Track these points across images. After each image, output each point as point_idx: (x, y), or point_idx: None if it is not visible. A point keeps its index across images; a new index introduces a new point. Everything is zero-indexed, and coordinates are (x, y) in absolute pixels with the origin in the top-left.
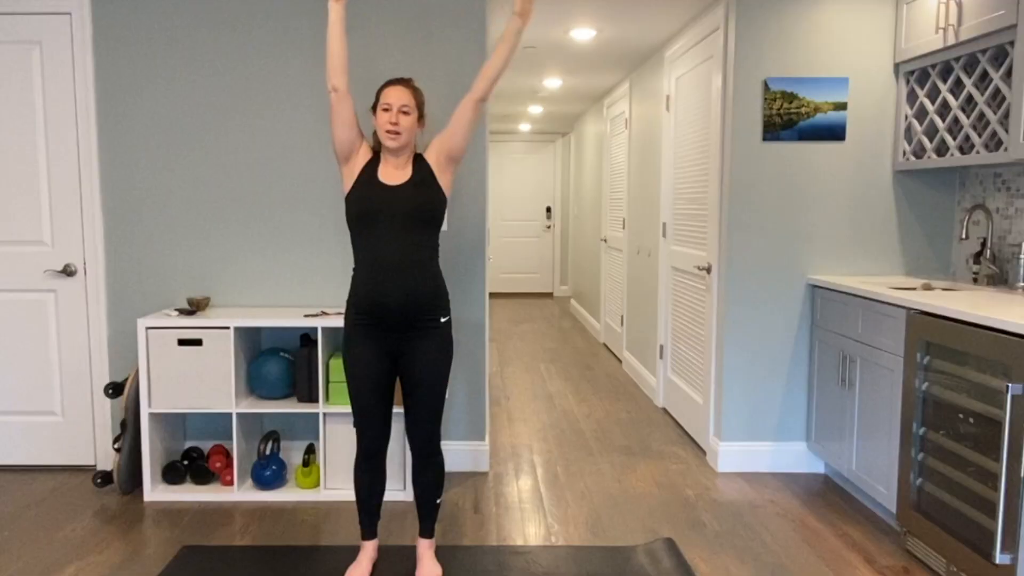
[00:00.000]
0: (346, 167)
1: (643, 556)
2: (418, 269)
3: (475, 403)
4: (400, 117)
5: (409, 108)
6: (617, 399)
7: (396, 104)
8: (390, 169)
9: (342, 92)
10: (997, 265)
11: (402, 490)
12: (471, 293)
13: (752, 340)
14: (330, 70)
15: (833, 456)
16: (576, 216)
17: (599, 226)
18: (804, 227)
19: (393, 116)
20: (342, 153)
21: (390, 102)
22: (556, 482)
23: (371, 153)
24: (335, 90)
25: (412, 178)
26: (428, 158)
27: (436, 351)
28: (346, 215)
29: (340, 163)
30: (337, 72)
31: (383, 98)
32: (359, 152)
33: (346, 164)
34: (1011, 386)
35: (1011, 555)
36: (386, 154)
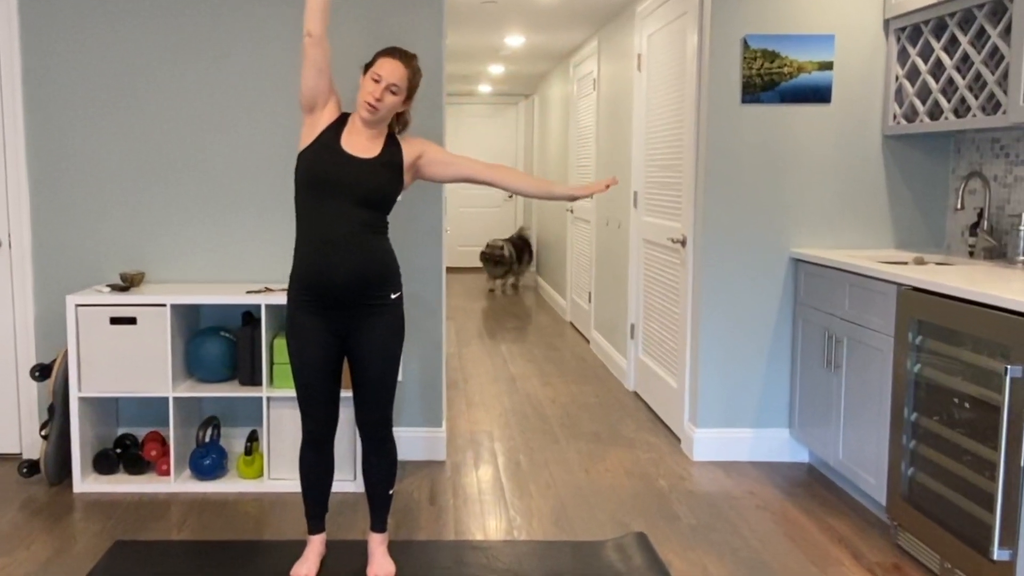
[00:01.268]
0: (309, 118)
1: (613, 552)
2: (366, 243)
3: (430, 386)
4: (385, 94)
5: (398, 89)
6: (585, 382)
7: (387, 79)
8: (358, 139)
9: (317, 37)
10: (995, 237)
11: (352, 480)
12: (426, 267)
13: (730, 319)
14: (308, 12)
15: (818, 444)
16: None
17: None
18: (786, 196)
19: (378, 92)
20: (308, 102)
21: (381, 74)
22: (519, 472)
23: (339, 112)
24: (309, 35)
25: (379, 157)
26: (405, 148)
27: (386, 330)
28: (295, 175)
29: (304, 111)
30: (315, 15)
31: (377, 67)
32: (326, 107)
33: (310, 114)
34: (1010, 368)
35: (1010, 551)
36: (357, 121)
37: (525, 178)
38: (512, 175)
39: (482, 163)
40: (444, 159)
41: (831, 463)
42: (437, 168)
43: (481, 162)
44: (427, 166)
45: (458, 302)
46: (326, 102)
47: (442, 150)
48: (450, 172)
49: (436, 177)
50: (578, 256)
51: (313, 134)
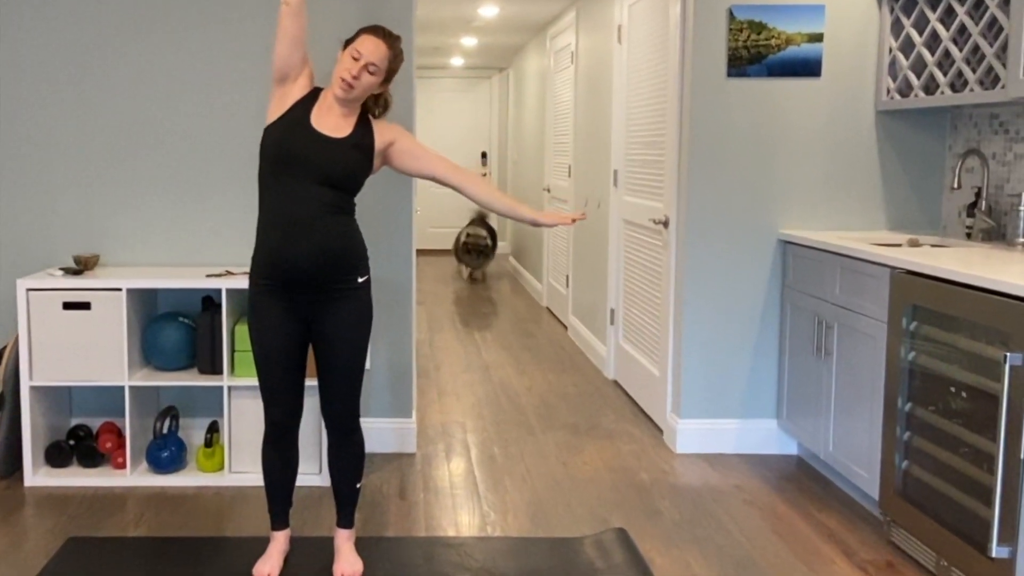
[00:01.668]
0: (280, 89)
1: (591, 549)
2: (332, 223)
3: (400, 375)
4: (363, 73)
5: (377, 69)
6: (562, 370)
7: (366, 58)
8: (329, 116)
9: (295, 6)
10: (993, 218)
11: (317, 474)
12: (395, 250)
13: (715, 303)
14: None
15: (807, 435)
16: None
17: (541, 174)
18: (774, 175)
19: (356, 69)
20: (279, 73)
21: (362, 52)
22: (493, 465)
23: (311, 86)
24: (287, 3)
25: (351, 137)
26: (377, 132)
27: (353, 315)
28: (260, 151)
29: (274, 82)
30: None
31: (358, 43)
32: (298, 80)
33: (280, 86)
34: (1009, 356)
35: (1009, 547)
36: (330, 97)
37: (493, 192)
38: (481, 185)
39: (452, 164)
40: (415, 152)
41: (821, 455)
42: (406, 159)
43: (452, 163)
44: (396, 156)
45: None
46: (298, 75)
47: (415, 141)
48: (418, 166)
49: (403, 168)
50: (555, 238)
51: (282, 108)
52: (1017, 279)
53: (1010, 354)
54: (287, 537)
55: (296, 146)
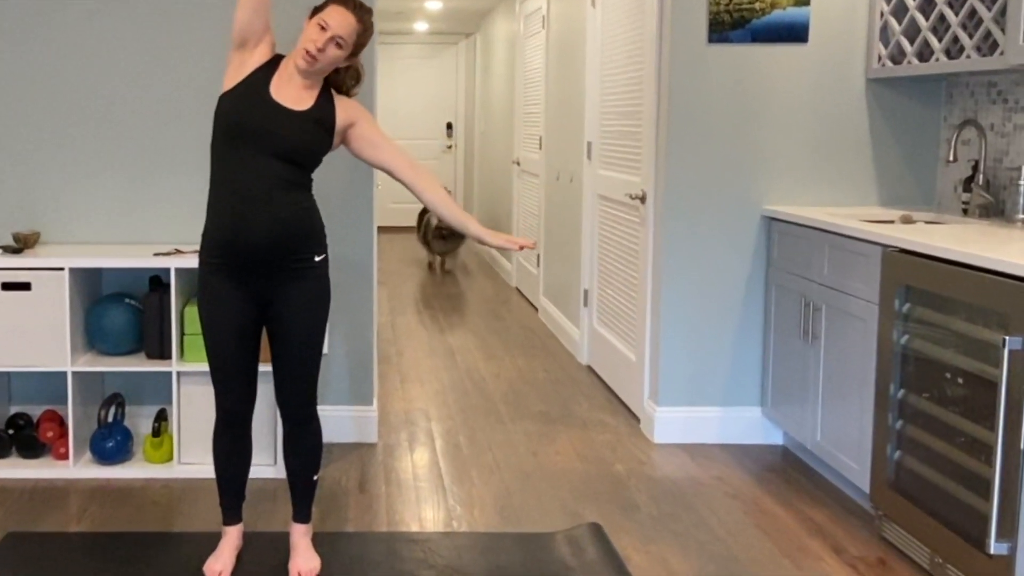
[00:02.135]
0: (238, 55)
1: (564, 545)
2: (288, 199)
3: (360, 360)
4: (329, 46)
5: (344, 43)
6: (532, 355)
7: (334, 30)
8: (289, 87)
9: None
10: (991, 193)
11: (272, 465)
12: (355, 227)
13: (695, 284)
14: None
15: (793, 424)
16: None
17: (511, 146)
18: (758, 148)
19: (321, 42)
20: (239, 37)
21: (329, 23)
22: (459, 455)
23: (271, 54)
24: None
25: (312, 111)
26: (339, 109)
27: (310, 296)
28: (214, 120)
29: (233, 47)
30: None
31: (326, 14)
32: (258, 47)
33: (239, 52)
34: (1009, 339)
35: (1008, 543)
36: (291, 67)
37: (447, 199)
38: (434, 190)
39: (411, 161)
40: (374, 139)
41: (808, 446)
42: (363, 146)
43: (410, 159)
44: (354, 140)
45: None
46: (259, 41)
47: (376, 128)
48: (374, 156)
49: (359, 154)
50: (525, 214)
51: (240, 75)
52: (1016, 258)
53: (1009, 337)
54: (240, 533)
55: (252, 116)
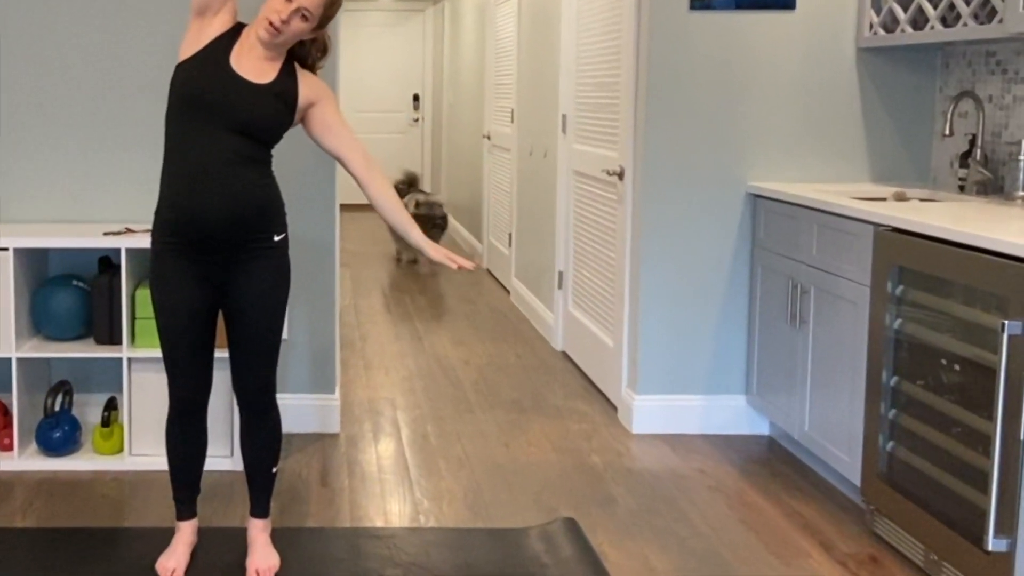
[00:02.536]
0: (197, 22)
1: (537, 541)
2: (245, 175)
3: (321, 345)
4: (293, 18)
5: (311, 16)
6: (504, 340)
7: (299, 2)
8: (250, 58)
9: None
10: (989, 169)
11: (228, 457)
12: (316, 204)
13: (676, 265)
14: None
15: (780, 414)
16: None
17: (481, 119)
18: (743, 121)
19: (286, 13)
20: (199, 3)
21: None
22: (426, 446)
23: (233, 22)
24: None
25: (274, 85)
26: (302, 85)
27: (269, 278)
28: (170, 92)
29: (192, 14)
30: None
31: None
32: (219, 14)
33: (199, 18)
34: (1008, 324)
35: (1007, 539)
36: (253, 37)
37: (394, 201)
38: (384, 189)
39: (366, 155)
40: (332, 125)
41: (796, 436)
42: (319, 128)
43: (364, 152)
44: (311, 121)
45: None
46: (220, 7)
47: (336, 112)
48: (330, 142)
49: (313, 136)
50: (496, 191)
51: (198, 44)
52: (1016, 237)
53: (1008, 322)
54: (194, 528)
55: (211, 88)
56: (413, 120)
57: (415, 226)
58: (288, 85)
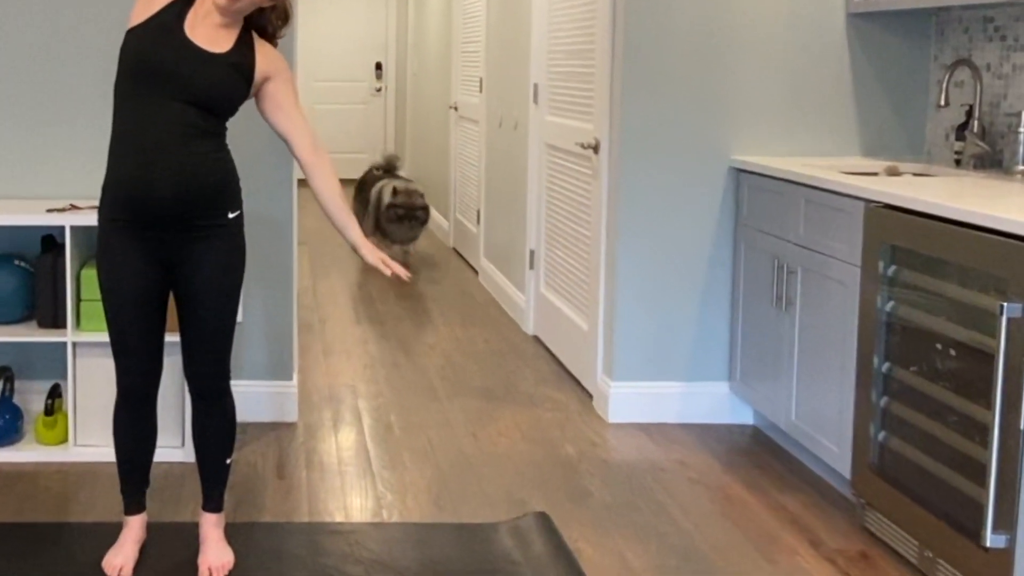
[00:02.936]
0: None
1: (507, 537)
2: (198, 149)
3: (278, 329)
4: None
5: None
6: (472, 323)
7: None
8: (205, 25)
9: None
10: (987, 142)
11: (179, 447)
12: (272, 179)
13: (655, 244)
14: None
15: (765, 402)
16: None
17: (447, 89)
18: (726, 91)
19: None
20: None
21: None
22: (389, 436)
23: None
24: None
25: (230, 55)
26: (259, 56)
27: (223, 258)
28: (119, 60)
29: None
30: None
31: None
32: None
33: None
34: (1007, 306)
35: (1006, 535)
36: (209, 3)
37: (338, 193)
38: (329, 179)
39: (313, 139)
40: (283, 104)
41: (782, 425)
42: (270, 105)
43: (313, 138)
44: (264, 95)
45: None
46: None
47: (290, 89)
48: (278, 120)
49: (263, 112)
50: (464, 165)
51: (150, 8)
52: (1016, 214)
53: (1007, 304)
54: (143, 523)
55: (163, 55)
56: (375, 90)
57: (355, 223)
58: (245, 55)
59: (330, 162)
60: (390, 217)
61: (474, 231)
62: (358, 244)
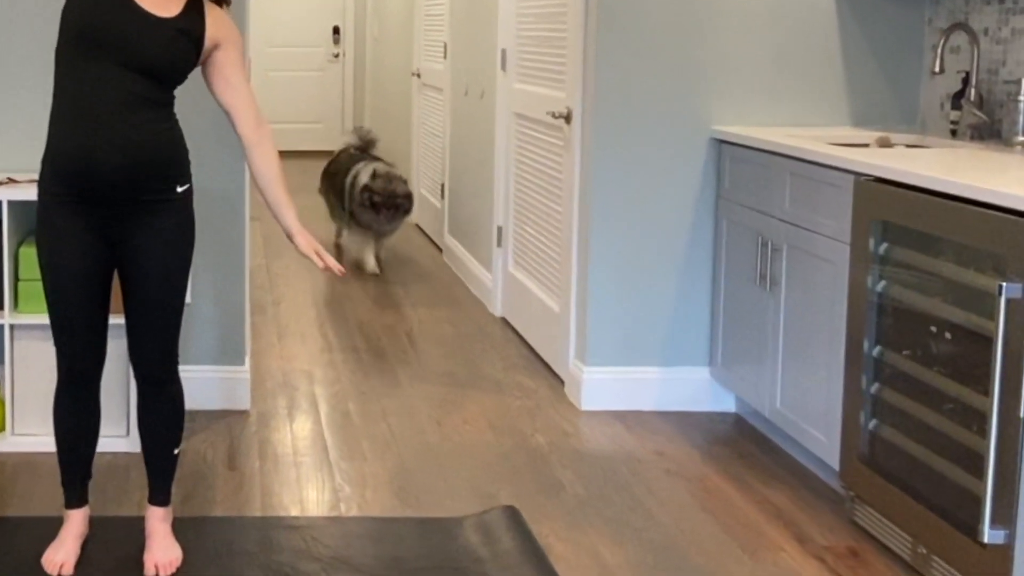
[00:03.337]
0: None
1: (473, 532)
2: (145, 119)
3: (229, 311)
4: None
5: None
6: (436, 305)
7: None
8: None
9: None
10: (985, 111)
11: (124, 436)
12: (223, 152)
13: (630, 220)
14: None
15: (748, 388)
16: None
17: (409, 55)
18: (707, 57)
19: None
20: None
21: None
22: (348, 425)
23: None
24: None
25: (179, 20)
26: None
27: (171, 235)
28: (60, 24)
29: None
30: None
31: None
32: None
33: None
34: (1006, 286)
35: (1005, 530)
36: None
37: (278, 174)
38: (270, 159)
39: (257, 116)
40: (229, 76)
41: (766, 413)
42: (216, 75)
43: (257, 114)
44: (211, 65)
45: None
46: None
47: (239, 61)
48: (222, 91)
49: (207, 80)
50: (427, 136)
51: None
52: (1015, 188)
53: (1006, 284)
54: (85, 517)
55: (108, 20)
56: (332, 56)
57: (292, 207)
58: (194, 21)
59: (273, 140)
60: (362, 201)
61: (438, 206)
62: (292, 231)
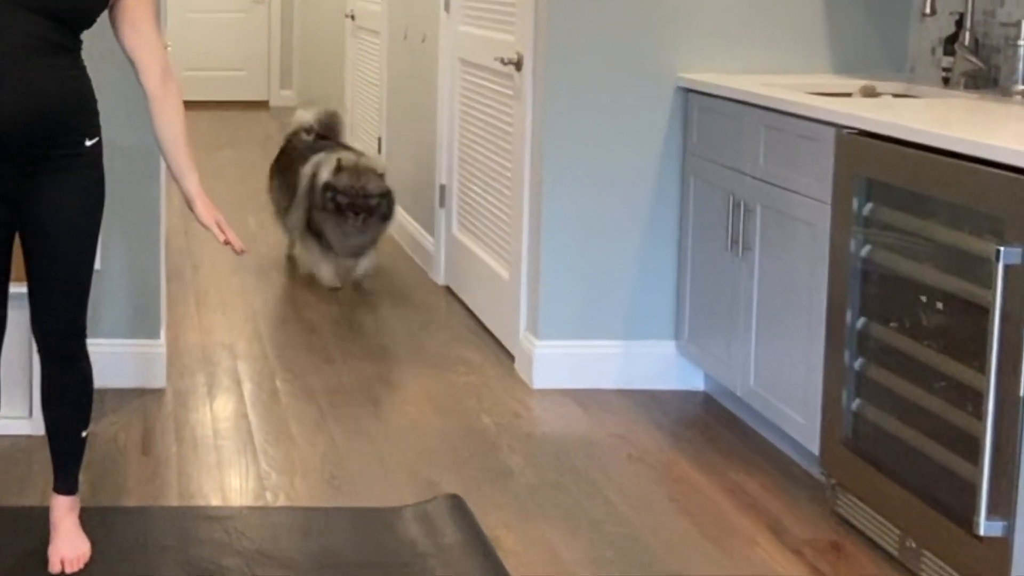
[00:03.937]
0: None
1: (413, 523)
2: (49, 66)
3: (143, 278)
4: None
5: None
6: (371, 272)
7: None
8: None
9: None
10: (980, 57)
11: (26, 418)
12: (135, 102)
13: (588, 177)
14: None
15: (718, 365)
16: None
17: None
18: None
19: None
20: None
21: None
22: (274, 405)
23: None
24: None
25: None
26: None
27: (78, 192)
28: None
29: None
30: None
31: None
32: None
33: None
34: (1003, 251)
35: (1003, 521)
36: None
37: (181, 133)
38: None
39: (164, 68)
40: (138, 23)
41: (738, 392)
42: (124, 21)
43: (164, 67)
44: (119, 8)
45: None
46: None
47: (150, 7)
48: (128, 38)
49: (114, 26)
50: (362, 85)
51: None
52: (1014, 142)
53: (1004, 248)
54: None
55: None
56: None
57: (194, 171)
58: None
59: (179, 96)
60: (324, 204)
61: None
62: (192, 197)
